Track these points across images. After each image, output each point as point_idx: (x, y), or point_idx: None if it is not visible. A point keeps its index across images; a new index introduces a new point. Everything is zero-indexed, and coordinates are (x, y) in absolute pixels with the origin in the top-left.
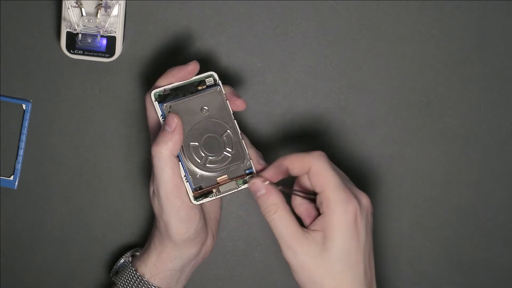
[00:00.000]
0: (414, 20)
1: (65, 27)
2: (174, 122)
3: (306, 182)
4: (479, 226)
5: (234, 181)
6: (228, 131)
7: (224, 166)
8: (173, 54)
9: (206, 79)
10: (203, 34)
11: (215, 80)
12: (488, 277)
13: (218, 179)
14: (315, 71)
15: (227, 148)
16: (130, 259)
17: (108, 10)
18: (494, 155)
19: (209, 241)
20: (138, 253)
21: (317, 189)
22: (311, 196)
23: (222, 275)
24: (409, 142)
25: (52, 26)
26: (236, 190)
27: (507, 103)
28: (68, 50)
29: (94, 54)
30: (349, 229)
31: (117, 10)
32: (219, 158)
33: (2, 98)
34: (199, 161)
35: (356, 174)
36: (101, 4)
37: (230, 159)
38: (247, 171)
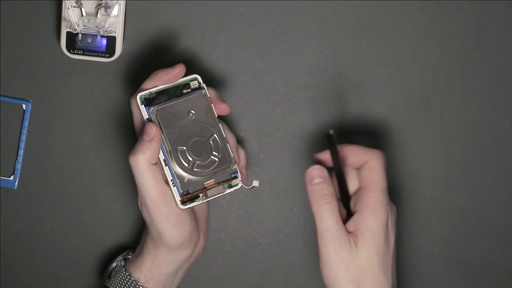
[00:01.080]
0: (414, 20)
1: (65, 27)
2: (153, 131)
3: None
4: (479, 226)
5: (221, 185)
6: (215, 135)
7: (211, 170)
8: (173, 54)
9: (191, 82)
10: (203, 34)
11: (199, 83)
12: (488, 277)
13: (205, 183)
14: (315, 71)
15: (214, 152)
16: (123, 263)
17: (108, 10)
18: (494, 155)
19: (201, 241)
20: (129, 256)
21: (363, 183)
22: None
23: (222, 275)
24: (409, 142)
25: (52, 26)
26: (223, 194)
27: (507, 103)
28: (68, 50)
29: (94, 54)
30: (383, 231)
31: (117, 10)
32: (206, 162)
33: (2, 98)
34: (187, 165)
35: None
36: (101, 4)
37: (216, 163)
38: (233, 175)
